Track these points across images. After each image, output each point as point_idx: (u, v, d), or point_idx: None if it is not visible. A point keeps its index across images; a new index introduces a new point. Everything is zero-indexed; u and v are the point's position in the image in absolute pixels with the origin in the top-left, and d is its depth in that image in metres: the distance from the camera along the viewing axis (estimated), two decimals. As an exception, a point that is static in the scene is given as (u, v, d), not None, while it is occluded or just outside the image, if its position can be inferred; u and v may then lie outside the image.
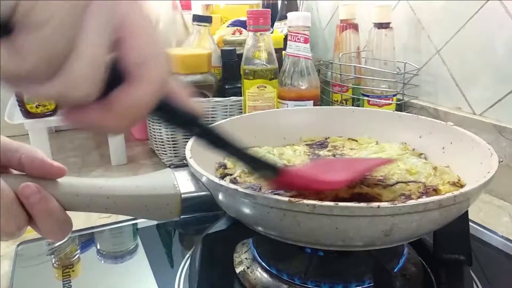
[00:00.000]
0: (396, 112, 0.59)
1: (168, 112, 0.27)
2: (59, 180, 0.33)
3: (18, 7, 0.19)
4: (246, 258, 0.46)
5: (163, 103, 0.26)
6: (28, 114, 0.74)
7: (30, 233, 0.32)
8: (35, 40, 0.20)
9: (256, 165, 0.34)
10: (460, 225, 0.42)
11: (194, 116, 0.28)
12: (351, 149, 0.52)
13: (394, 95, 0.76)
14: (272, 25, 0.88)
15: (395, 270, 0.42)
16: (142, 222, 0.59)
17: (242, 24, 0.93)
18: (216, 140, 0.31)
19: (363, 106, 0.77)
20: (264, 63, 0.69)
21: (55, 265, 0.50)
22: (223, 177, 0.45)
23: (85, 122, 0.24)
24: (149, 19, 0.25)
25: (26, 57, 0.20)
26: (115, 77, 0.24)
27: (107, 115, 0.24)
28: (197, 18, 0.85)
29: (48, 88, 0.22)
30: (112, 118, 0.24)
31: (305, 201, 0.31)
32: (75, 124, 0.24)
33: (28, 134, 0.76)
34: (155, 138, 0.79)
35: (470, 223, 0.45)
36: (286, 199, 0.31)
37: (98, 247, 0.54)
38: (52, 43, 0.20)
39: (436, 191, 0.40)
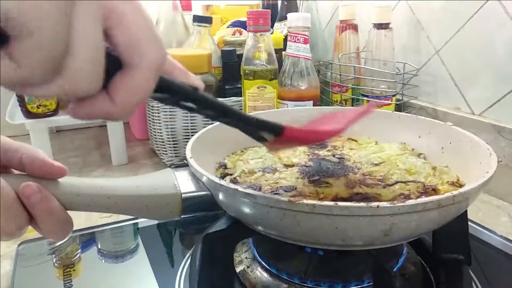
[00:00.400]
0: (395, 112, 0.59)
1: (168, 91, 0.27)
2: (60, 180, 0.33)
3: (9, 16, 0.19)
4: (246, 258, 0.46)
5: (162, 83, 0.26)
6: (29, 114, 0.75)
7: (31, 232, 0.32)
8: (28, 47, 0.20)
9: (262, 127, 0.34)
10: (459, 224, 0.42)
11: (194, 90, 0.28)
12: (351, 149, 0.52)
13: (394, 96, 0.76)
14: (272, 26, 0.88)
15: (394, 270, 0.42)
16: (142, 222, 0.59)
17: (242, 24, 0.94)
18: (219, 111, 0.31)
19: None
20: (264, 63, 0.69)
21: (56, 264, 0.51)
22: (223, 177, 0.45)
23: (92, 114, 0.24)
24: (138, 4, 0.24)
25: (23, 63, 0.20)
26: (114, 66, 0.24)
27: (111, 103, 0.24)
28: (198, 19, 0.85)
29: (51, 88, 0.22)
30: (116, 104, 0.24)
31: (305, 201, 0.31)
32: (83, 117, 0.25)
33: (29, 134, 0.76)
34: (156, 138, 0.80)
35: (469, 223, 0.45)
36: (286, 199, 0.32)
37: (99, 247, 0.55)
38: (46, 47, 0.20)
39: (435, 191, 0.41)
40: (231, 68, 0.80)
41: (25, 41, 0.20)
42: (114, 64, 0.24)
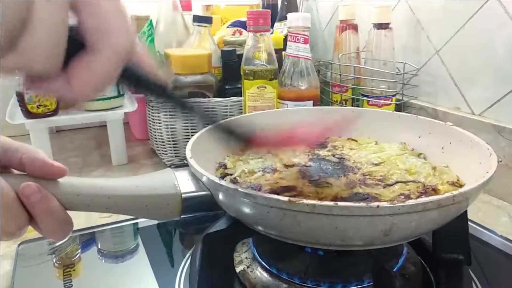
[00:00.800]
0: (395, 112, 0.59)
1: (133, 81, 0.27)
2: (60, 180, 0.33)
3: None
4: (246, 258, 0.46)
5: (128, 72, 0.25)
6: (29, 114, 0.75)
7: (31, 232, 0.32)
8: None
9: (230, 133, 0.36)
10: (459, 224, 0.42)
11: (160, 84, 0.28)
12: (351, 149, 0.52)
13: (394, 95, 0.76)
14: (272, 26, 0.88)
15: (394, 270, 0.42)
16: (142, 222, 0.59)
17: (242, 24, 0.94)
18: (185, 108, 0.32)
19: (362, 106, 0.78)
20: (264, 63, 0.69)
21: (56, 264, 0.51)
22: (223, 177, 0.45)
23: (48, 91, 0.24)
24: None
25: None
26: (77, 47, 0.23)
27: (68, 85, 0.23)
28: (198, 19, 0.85)
29: (7, 61, 0.21)
30: (73, 87, 0.23)
31: (305, 201, 0.31)
32: (38, 92, 0.24)
33: (29, 134, 0.76)
34: (156, 138, 0.80)
35: (469, 223, 0.45)
36: (286, 199, 0.32)
37: (99, 247, 0.55)
38: (5, 17, 0.20)
39: (435, 191, 0.41)
40: (231, 68, 0.80)
41: None
42: (77, 48, 0.23)
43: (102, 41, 0.23)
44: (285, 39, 0.74)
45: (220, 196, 0.37)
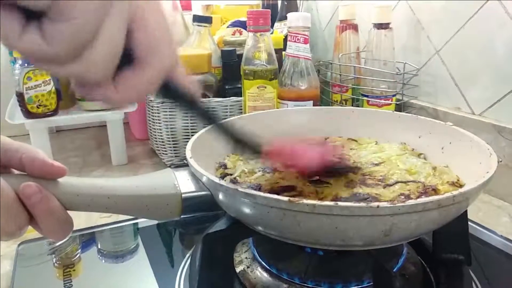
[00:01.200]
0: (395, 112, 0.59)
1: (169, 92, 0.30)
2: (60, 180, 0.33)
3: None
4: (246, 258, 0.46)
5: (166, 84, 0.28)
6: (28, 114, 0.75)
7: (31, 232, 0.32)
8: (64, 30, 0.21)
9: (243, 145, 0.37)
10: (459, 225, 0.42)
11: (192, 97, 0.31)
12: (351, 149, 0.52)
13: (394, 95, 0.76)
14: (272, 26, 0.88)
15: (394, 270, 0.42)
16: (142, 222, 0.59)
17: (242, 24, 0.94)
18: (209, 120, 0.35)
19: (362, 106, 0.78)
20: (264, 63, 0.69)
21: (56, 264, 0.51)
22: (223, 177, 0.45)
23: (94, 94, 0.26)
24: (162, 13, 0.27)
25: (52, 43, 0.22)
26: (125, 58, 0.25)
27: (114, 90, 0.26)
28: (197, 19, 0.85)
29: (67, 69, 0.23)
30: (119, 93, 0.26)
31: (305, 201, 0.31)
32: (85, 95, 0.27)
33: (28, 134, 0.76)
34: (156, 138, 0.80)
35: (469, 223, 0.45)
36: (286, 199, 0.32)
37: (99, 247, 0.54)
38: (79, 34, 0.22)
39: (435, 191, 0.40)
40: (231, 68, 0.80)
41: (62, 25, 0.21)
42: (125, 58, 0.25)
43: (152, 58, 0.26)
44: (285, 39, 0.74)
45: (220, 196, 0.37)
